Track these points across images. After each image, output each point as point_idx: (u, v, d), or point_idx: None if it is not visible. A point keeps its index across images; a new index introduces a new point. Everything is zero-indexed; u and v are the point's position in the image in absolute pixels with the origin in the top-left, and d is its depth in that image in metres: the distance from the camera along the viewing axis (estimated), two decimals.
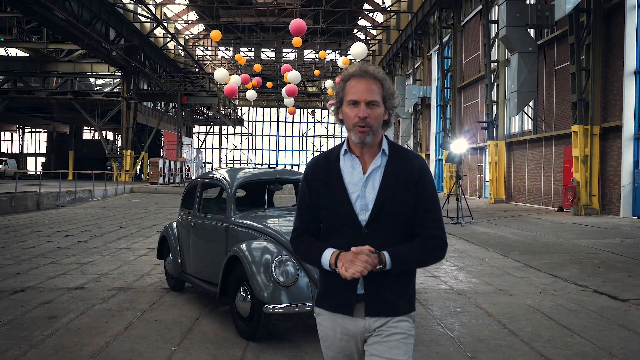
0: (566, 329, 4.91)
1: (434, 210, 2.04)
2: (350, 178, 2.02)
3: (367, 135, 1.97)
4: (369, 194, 1.99)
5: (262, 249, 4.45)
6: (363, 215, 1.98)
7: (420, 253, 1.99)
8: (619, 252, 9.53)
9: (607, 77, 17.08)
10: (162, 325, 4.85)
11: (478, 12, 27.64)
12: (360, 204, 1.98)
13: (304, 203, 2.11)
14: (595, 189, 17.18)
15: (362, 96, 1.96)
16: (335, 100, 2.08)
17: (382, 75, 2.02)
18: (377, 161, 2.03)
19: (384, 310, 1.99)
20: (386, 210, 1.97)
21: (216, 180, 5.65)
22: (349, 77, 2.02)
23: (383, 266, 1.90)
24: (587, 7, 17.12)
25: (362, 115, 1.95)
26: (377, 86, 2.00)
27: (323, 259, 1.96)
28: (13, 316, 5.05)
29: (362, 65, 2.03)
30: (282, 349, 4.28)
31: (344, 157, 2.06)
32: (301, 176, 6.67)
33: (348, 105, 2.00)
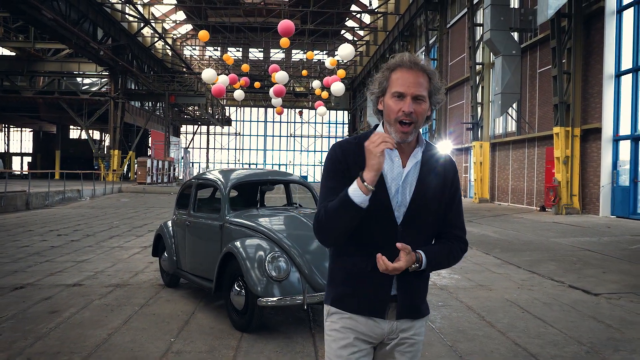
0: (540, 320, 5.25)
1: (461, 212, 2.04)
2: (389, 170, 1.90)
3: (410, 135, 1.87)
4: (406, 190, 1.90)
5: (256, 246, 4.74)
6: (399, 212, 1.88)
7: (449, 255, 1.97)
8: (595, 250, 9.92)
9: (588, 80, 17.55)
10: (160, 319, 5.12)
11: (463, 15, 28.09)
12: (398, 199, 1.89)
13: (331, 185, 1.91)
14: (576, 189, 17.65)
15: (409, 89, 1.84)
16: (376, 89, 1.94)
17: (432, 69, 1.91)
18: (417, 155, 1.94)
19: (413, 312, 1.95)
20: (422, 208, 1.90)
21: (210, 181, 5.93)
22: (395, 66, 1.89)
23: (419, 265, 1.85)
24: (568, 12, 17.58)
25: (407, 110, 1.83)
26: (425, 80, 1.88)
27: (351, 193, 1.76)
28: (16, 311, 5.29)
29: (412, 56, 1.90)
30: (274, 340, 4.57)
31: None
32: (292, 177, 6.97)
33: (392, 97, 1.87)
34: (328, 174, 1.94)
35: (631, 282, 7.15)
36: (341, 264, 1.94)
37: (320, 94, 32.36)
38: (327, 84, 25.33)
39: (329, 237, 1.89)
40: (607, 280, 7.26)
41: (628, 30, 16.28)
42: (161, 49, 53.47)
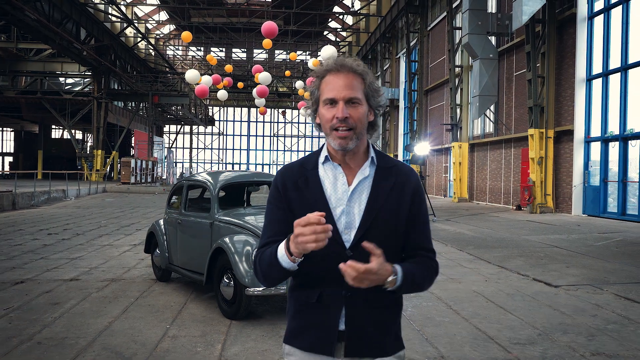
0: (501, 308, 5.79)
1: (427, 230, 1.84)
2: (332, 190, 1.73)
3: (350, 141, 1.69)
4: (354, 210, 1.71)
5: (244, 242, 5.21)
6: (347, 235, 1.70)
7: (424, 275, 1.76)
8: (562, 247, 10.53)
9: (561, 84, 18.25)
10: (155, 309, 5.56)
11: (443, 18, 28.75)
12: (345, 222, 1.70)
13: (274, 217, 1.78)
14: (550, 189, 18.35)
15: (339, 93, 1.68)
16: (311, 102, 1.80)
17: (363, 68, 1.75)
18: (365, 170, 1.75)
19: (368, 350, 1.72)
20: (375, 229, 1.70)
21: (200, 183, 6.38)
22: (324, 72, 1.74)
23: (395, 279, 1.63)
24: (542, 18, 18.26)
25: (340, 115, 1.67)
26: (357, 81, 1.72)
27: (279, 256, 1.64)
28: (21, 303, 5.70)
29: (339, 58, 1.75)
30: (260, 326, 5.05)
31: (324, 166, 1.77)
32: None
33: (325, 105, 1.72)
34: (271, 205, 1.81)
35: (591, 275, 7.73)
36: (292, 296, 1.79)
37: (303, 94, 32.82)
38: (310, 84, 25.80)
39: (268, 283, 1.77)
40: (569, 274, 7.84)
41: (598, 36, 16.99)
42: (144, 49, 53.52)
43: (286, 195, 1.76)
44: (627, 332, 4.95)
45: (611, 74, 16.31)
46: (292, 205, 1.75)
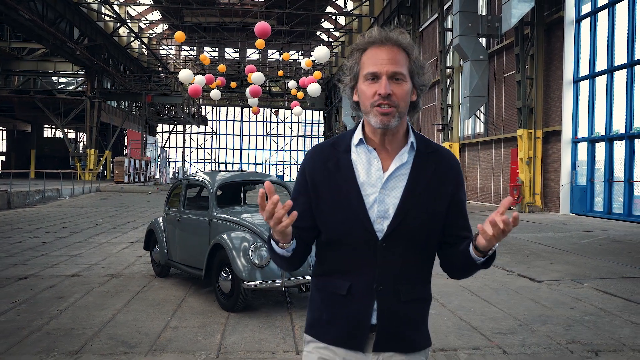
0: (486, 302, 6.09)
1: (466, 216, 1.74)
2: (366, 176, 1.62)
3: (392, 118, 1.57)
4: (389, 199, 1.60)
5: (241, 238, 5.48)
6: (380, 225, 1.59)
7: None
8: (548, 244, 10.86)
9: (549, 85, 18.62)
10: (156, 302, 5.83)
11: (435, 19, 29.08)
12: (378, 211, 1.60)
13: (298, 202, 1.68)
14: (538, 188, 18.71)
15: (383, 67, 1.56)
16: (348, 78, 1.67)
17: (409, 42, 1.62)
18: (404, 156, 1.64)
19: (399, 344, 1.64)
20: (411, 220, 1.59)
21: (199, 182, 6.65)
22: (365, 45, 1.62)
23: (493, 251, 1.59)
24: (531, 21, 18.62)
25: (384, 91, 1.55)
26: (402, 56, 1.60)
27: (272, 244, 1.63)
28: (27, 297, 5.94)
29: (383, 30, 1.62)
30: (257, 317, 5.32)
31: (358, 148, 1.66)
32: (270, 177, 7.71)
33: (365, 81, 1.59)
34: (297, 189, 1.73)
35: (573, 271, 8.05)
36: (317, 285, 1.70)
37: (296, 94, 33.05)
38: (303, 84, 26.06)
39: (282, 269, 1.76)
40: (553, 270, 8.16)
41: (585, 39, 17.36)
42: (137, 48, 53.59)
43: (313, 178, 1.67)
44: (602, 323, 5.26)
45: (597, 76, 16.68)
46: (319, 189, 1.65)
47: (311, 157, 1.71)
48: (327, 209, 1.64)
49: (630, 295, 6.43)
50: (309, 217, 1.68)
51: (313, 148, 1.75)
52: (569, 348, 4.51)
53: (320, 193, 1.65)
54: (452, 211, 1.69)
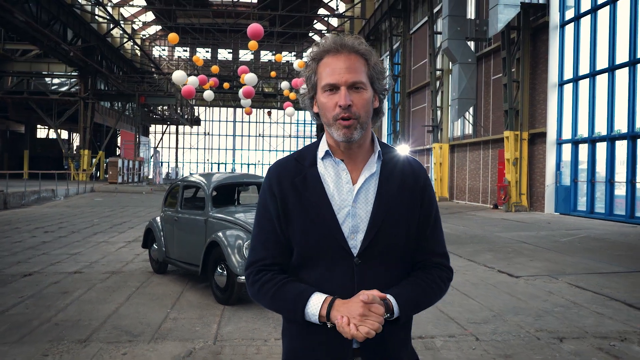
0: (465, 295, 6.51)
1: (439, 231, 1.66)
2: (335, 190, 1.56)
3: (355, 131, 1.51)
4: (361, 211, 1.54)
5: (236, 236, 5.87)
6: (354, 240, 1.53)
7: (429, 291, 1.58)
8: (530, 242, 11.31)
9: (535, 88, 19.11)
10: (155, 297, 6.21)
11: (425, 22, 29.56)
12: (351, 225, 1.53)
13: (267, 225, 1.60)
14: (524, 188, 19.20)
15: (341, 77, 1.50)
16: (307, 88, 1.61)
17: (366, 48, 1.56)
18: (372, 167, 1.58)
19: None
20: (385, 232, 1.53)
21: (195, 183, 7.04)
22: (322, 54, 1.56)
23: (390, 314, 1.47)
24: (517, 25, 19.11)
25: (343, 102, 1.49)
26: (360, 62, 1.54)
27: (309, 309, 1.47)
28: (33, 292, 6.31)
29: (337, 37, 1.56)
30: (250, 310, 5.72)
31: (324, 162, 1.60)
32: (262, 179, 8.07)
33: (324, 92, 1.53)
34: (263, 210, 1.63)
35: (551, 267, 8.49)
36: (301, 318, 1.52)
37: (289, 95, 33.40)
38: (296, 85, 26.44)
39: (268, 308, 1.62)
40: (532, 266, 8.59)
41: (569, 44, 17.86)
42: (130, 49, 53.81)
43: (283, 198, 1.57)
44: (570, 314, 5.69)
45: (581, 79, 17.18)
46: (288, 209, 1.57)
47: (276, 173, 1.62)
48: (298, 227, 1.55)
49: (600, 289, 6.87)
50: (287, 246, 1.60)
51: (276, 164, 1.66)
52: (536, 335, 4.93)
53: (291, 212, 1.57)
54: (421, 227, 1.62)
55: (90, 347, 4.44)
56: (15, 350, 4.33)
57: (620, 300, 6.28)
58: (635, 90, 14.80)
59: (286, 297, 1.52)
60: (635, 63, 14.77)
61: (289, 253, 1.60)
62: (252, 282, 1.59)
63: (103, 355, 4.23)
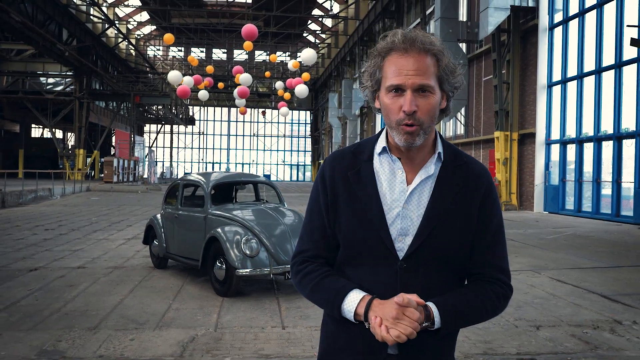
0: None
1: (500, 244, 1.56)
2: (388, 189, 1.50)
3: (417, 137, 1.45)
4: (412, 214, 1.48)
5: (234, 232, 6.21)
6: (401, 243, 1.47)
7: (479, 306, 1.47)
8: (517, 240, 11.69)
9: (524, 89, 19.52)
10: (157, 289, 6.54)
11: (418, 23, 29.93)
12: (400, 227, 1.47)
13: (315, 217, 1.58)
14: (514, 188, 19.61)
15: (408, 79, 1.42)
16: (370, 82, 1.53)
17: (439, 47, 1.47)
18: (429, 168, 1.51)
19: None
20: (435, 238, 1.46)
21: (195, 182, 7.38)
22: (387, 50, 1.47)
23: (430, 323, 1.40)
24: (507, 28, 19.50)
25: (408, 109, 1.42)
26: (431, 62, 1.45)
27: (346, 305, 1.44)
28: (40, 285, 6.63)
29: (408, 33, 1.46)
30: (248, 301, 6.07)
31: (381, 157, 1.54)
32: (259, 178, 8.45)
33: (388, 93, 1.46)
34: (314, 201, 1.59)
35: (535, 263, 8.86)
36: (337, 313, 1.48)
37: (283, 95, 33.70)
38: (290, 85, 26.76)
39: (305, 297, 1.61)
40: (516, 262, 8.96)
41: (558, 46, 18.27)
42: (125, 49, 53.99)
43: (334, 191, 1.54)
44: (549, 305, 6.06)
45: (569, 81, 17.60)
46: (338, 200, 1.53)
47: (330, 164, 1.58)
48: (345, 223, 1.51)
49: (579, 282, 7.24)
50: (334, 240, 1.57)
51: (333, 154, 1.62)
52: (515, 324, 5.29)
53: (339, 206, 1.52)
54: (478, 237, 1.52)
55: (99, 333, 4.77)
56: (31, 336, 4.66)
57: (597, 292, 6.66)
58: (621, 92, 15.23)
59: (325, 290, 1.49)
60: (620, 66, 15.19)
61: (336, 247, 1.56)
62: (296, 272, 1.58)
63: (112, 341, 4.57)
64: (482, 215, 1.51)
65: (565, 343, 4.74)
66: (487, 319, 1.52)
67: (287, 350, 4.43)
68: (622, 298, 6.37)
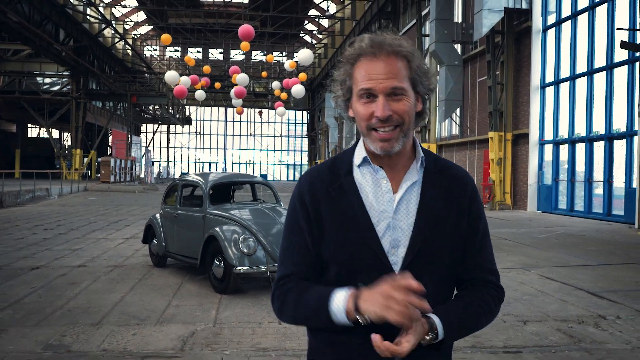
0: None
1: (489, 247, 1.53)
2: (374, 200, 1.42)
3: (395, 142, 1.38)
4: (402, 224, 1.41)
5: (232, 231, 6.39)
6: (394, 256, 1.39)
7: (479, 313, 1.43)
8: (510, 239, 11.90)
9: (518, 90, 19.75)
10: (157, 287, 6.72)
11: (413, 24, 30.14)
12: (392, 239, 1.40)
13: (295, 239, 1.47)
14: (508, 187, 19.84)
15: (379, 84, 1.35)
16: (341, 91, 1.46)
17: (408, 48, 1.39)
18: (413, 175, 1.45)
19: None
20: (428, 246, 1.40)
21: (193, 182, 7.57)
22: (356, 56, 1.40)
23: (434, 335, 1.32)
24: (501, 30, 19.74)
25: (381, 114, 1.35)
26: (402, 64, 1.38)
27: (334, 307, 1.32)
28: (43, 283, 6.80)
29: (377, 37, 1.40)
30: (245, 298, 6.25)
31: (362, 169, 1.46)
32: (256, 178, 8.65)
33: (360, 99, 1.39)
34: (293, 222, 1.49)
35: (525, 261, 9.07)
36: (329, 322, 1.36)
37: (280, 95, 33.83)
38: (287, 85, 26.91)
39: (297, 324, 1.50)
40: (508, 260, 9.18)
41: (551, 47, 18.51)
42: (122, 49, 54.07)
43: (316, 209, 1.44)
44: (537, 301, 6.26)
45: (562, 82, 17.84)
46: (321, 221, 1.43)
47: (308, 183, 1.49)
48: (333, 241, 1.42)
49: (568, 279, 7.45)
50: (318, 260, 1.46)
51: (308, 173, 1.53)
52: (503, 319, 5.49)
53: (324, 224, 1.43)
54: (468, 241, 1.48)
55: (102, 328, 4.95)
56: (36, 331, 4.83)
57: (584, 289, 6.87)
58: (612, 93, 15.46)
59: (309, 299, 1.39)
60: (611, 67, 15.42)
61: (320, 268, 1.46)
62: (277, 298, 1.46)
63: (115, 336, 4.75)
64: (471, 219, 1.47)
65: (550, 337, 4.94)
66: (486, 325, 1.49)
67: (283, 344, 4.62)
68: (608, 294, 6.58)
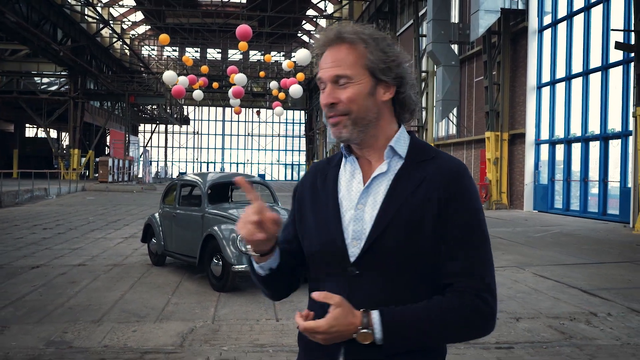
0: None
1: (471, 247, 1.32)
2: (346, 190, 1.39)
3: (344, 129, 1.35)
4: (366, 215, 1.33)
5: (230, 230, 6.49)
6: (354, 248, 1.32)
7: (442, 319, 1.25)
8: (506, 238, 12.01)
9: (514, 90, 19.87)
10: (156, 285, 6.81)
11: (411, 25, 30.26)
12: (354, 231, 1.33)
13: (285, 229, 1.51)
14: (505, 187, 19.96)
15: (325, 72, 1.36)
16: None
17: (360, 35, 1.34)
18: (383, 166, 1.37)
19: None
20: (387, 240, 1.29)
21: (192, 182, 7.66)
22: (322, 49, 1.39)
23: (370, 332, 1.21)
24: (498, 30, 19.85)
25: (323, 102, 1.35)
26: (351, 52, 1.34)
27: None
28: (43, 282, 6.89)
29: (335, 27, 1.37)
30: (243, 296, 6.35)
31: (346, 160, 1.45)
32: (254, 178, 8.72)
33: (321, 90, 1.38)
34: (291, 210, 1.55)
35: (521, 260, 9.18)
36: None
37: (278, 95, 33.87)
38: (285, 85, 26.97)
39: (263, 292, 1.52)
40: (503, 259, 9.28)
41: (547, 48, 18.63)
42: (119, 49, 54.09)
43: (300, 199, 1.49)
44: (530, 299, 6.37)
45: (557, 82, 17.97)
46: (302, 210, 1.47)
47: (305, 175, 1.54)
48: (308, 230, 1.43)
49: (561, 278, 7.56)
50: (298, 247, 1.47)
51: (311, 165, 1.57)
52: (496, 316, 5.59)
53: (304, 214, 1.45)
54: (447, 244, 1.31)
55: (103, 325, 5.04)
56: (38, 328, 4.93)
57: (577, 287, 6.98)
58: (607, 93, 15.58)
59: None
60: (607, 68, 15.54)
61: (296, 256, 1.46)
62: None
63: (116, 332, 4.84)
64: (447, 219, 1.30)
65: (542, 333, 5.05)
66: (459, 337, 1.31)
67: (280, 340, 4.72)
68: (601, 292, 6.69)
